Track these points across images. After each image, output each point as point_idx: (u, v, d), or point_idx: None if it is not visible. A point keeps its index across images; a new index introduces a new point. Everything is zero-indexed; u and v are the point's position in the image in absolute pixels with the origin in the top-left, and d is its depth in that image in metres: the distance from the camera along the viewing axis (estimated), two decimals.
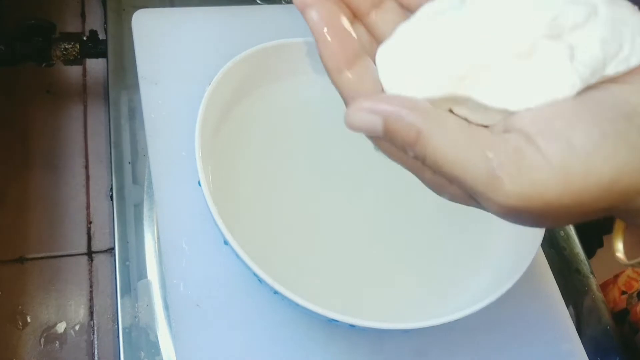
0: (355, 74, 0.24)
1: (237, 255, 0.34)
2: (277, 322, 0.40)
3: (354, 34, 0.24)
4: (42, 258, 0.70)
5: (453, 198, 0.23)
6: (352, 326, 0.34)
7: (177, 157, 0.44)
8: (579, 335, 0.45)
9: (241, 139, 0.44)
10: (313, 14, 0.23)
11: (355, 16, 0.25)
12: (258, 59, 0.44)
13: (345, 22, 0.23)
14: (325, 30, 0.23)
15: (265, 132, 0.46)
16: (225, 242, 0.35)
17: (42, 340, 0.65)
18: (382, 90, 0.23)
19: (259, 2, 0.58)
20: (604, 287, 0.56)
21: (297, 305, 0.34)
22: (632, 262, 0.27)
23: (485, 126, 0.21)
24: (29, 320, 0.66)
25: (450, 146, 0.20)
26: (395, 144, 0.21)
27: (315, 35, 0.23)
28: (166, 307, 0.40)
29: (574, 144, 0.19)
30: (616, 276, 0.57)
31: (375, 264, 0.42)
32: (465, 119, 0.21)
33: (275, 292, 0.34)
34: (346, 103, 0.24)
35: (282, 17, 0.55)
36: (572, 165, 0.19)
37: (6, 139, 0.76)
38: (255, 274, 0.34)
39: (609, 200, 0.19)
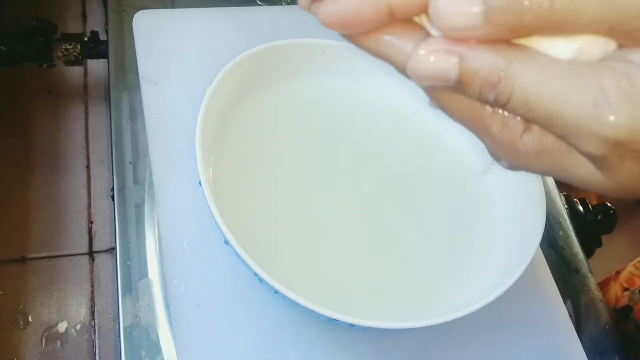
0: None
1: (238, 255, 0.34)
2: (277, 322, 0.40)
3: None
4: (43, 258, 0.70)
5: (514, 161, 0.21)
6: (352, 325, 0.35)
7: (178, 157, 0.44)
8: (577, 334, 0.45)
9: (242, 139, 0.44)
10: None
11: None
12: (259, 59, 0.44)
13: None
14: None
15: (266, 132, 0.46)
16: (226, 242, 0.35)
17: (44, 339, 0.65)
18: None
19: (259, 3, 0.58)
20: (604, 283, 0.56)
21: (297, 304, 0.34)
22: None
23: None
24: (30, 319, 0.66)
25: (544, 78, 0.17)
26: (471, 91, 0.19)
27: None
28: (167, 306, 0.40)
29: None
30: (618, 272, 0.57)
31: (375, 264, 0.42)
32: None
33: (276, 292, 0.34)
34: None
35: (283, 18, 0.55)
36: None
37: (7, 139, 0.76)
38: (255, 274, 0.34)
39: None
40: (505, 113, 0.20)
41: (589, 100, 0.17)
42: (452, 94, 0.20)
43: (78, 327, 0.67)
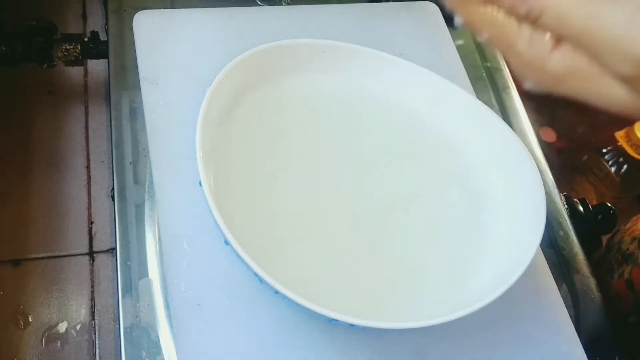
0: None
1: (238, 255, 0.34)
2: (277, 322, 0.40)
3: None
4: (43, 258, 0.70)
5: (540, 81, 0.20)
6: (352, 325, 0.35)
7: (178, 158, 0.44)
8: (578, 335, 0.45)
9: (242, 139, 0.44)
10: None
11: None
12: (259, 60, 0.44)
13: None
14: None
15: (266, 132, 0.46)
16: (226, 242, 0.35)
17: (44, 340, 0.65)
18: None
19: (259, 3, 0.59)
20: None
21: (297, 304, 0.34)
22: None
23: None
24: (30, 320, 0.66)
25: None
26: (503, 1, 0.18)
27: None
28: (167, 306, 0.40)
29: None
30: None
31: (375, 264, 0.42)
32: None
33: (276, 292, 0.34)
34: None
35: (283, 18, 0.55)
36: None
37: (7, 139, 0.76)
38: (256, 274, 0.34)
39: None
40: (532, 32, 0.19)
41: (626, 18, 0.16)
42: (481, 8, 0.20)
43: (78, 327, 0.67)
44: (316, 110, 0.48)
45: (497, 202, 0.45)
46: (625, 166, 0.91)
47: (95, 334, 0.66)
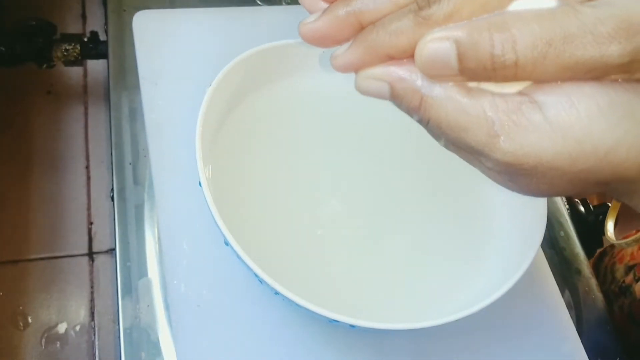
0: None
1: (238, 256, 0.34)
2: (277, 323, 0.40)
3: None
4: (43, 259, 0.70)
5: (445, 147, 0.25)
6: (353, 326, 0.34)
7: (178, 158, 0.44)
8: (579, 336, 0.45)
9: (242, 139, 0.44)
10: None
11: None
12: (258, 60, 0.44)
13: None
14: None
15: (266, 133, 0.46)
16: (226, 243, 0.35)
17: (43, 340, 0.65)
18: None
19: (259, 3, 0.58)
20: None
21: (297, 305, 0.34)
22: (620, 241, 0.30)
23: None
24: (30, 320, 0.66)
25: (451, 109, 0.21)
26: (402, 108, 0.23)
27: None
28: (167, 307, 0.40)
29: (578, 108, 0.19)
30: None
31: (375, 265, 0.42)
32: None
33: (276, 293, 0.34)
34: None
35: (283, 18, 0.55)
36: (571, 128, 0.19)
37: (7, 140, 0.76)
38: (255, 275, 0.34)
39: (603, 172, 0.20)
40: None
41: (484, 131, 0.20)
42: None
43: (78, 328, 0.67)
44: (317, 110, 0.48)
45: (497, 202, 0.45)
46: None
47: (94, 334, 0.66)
